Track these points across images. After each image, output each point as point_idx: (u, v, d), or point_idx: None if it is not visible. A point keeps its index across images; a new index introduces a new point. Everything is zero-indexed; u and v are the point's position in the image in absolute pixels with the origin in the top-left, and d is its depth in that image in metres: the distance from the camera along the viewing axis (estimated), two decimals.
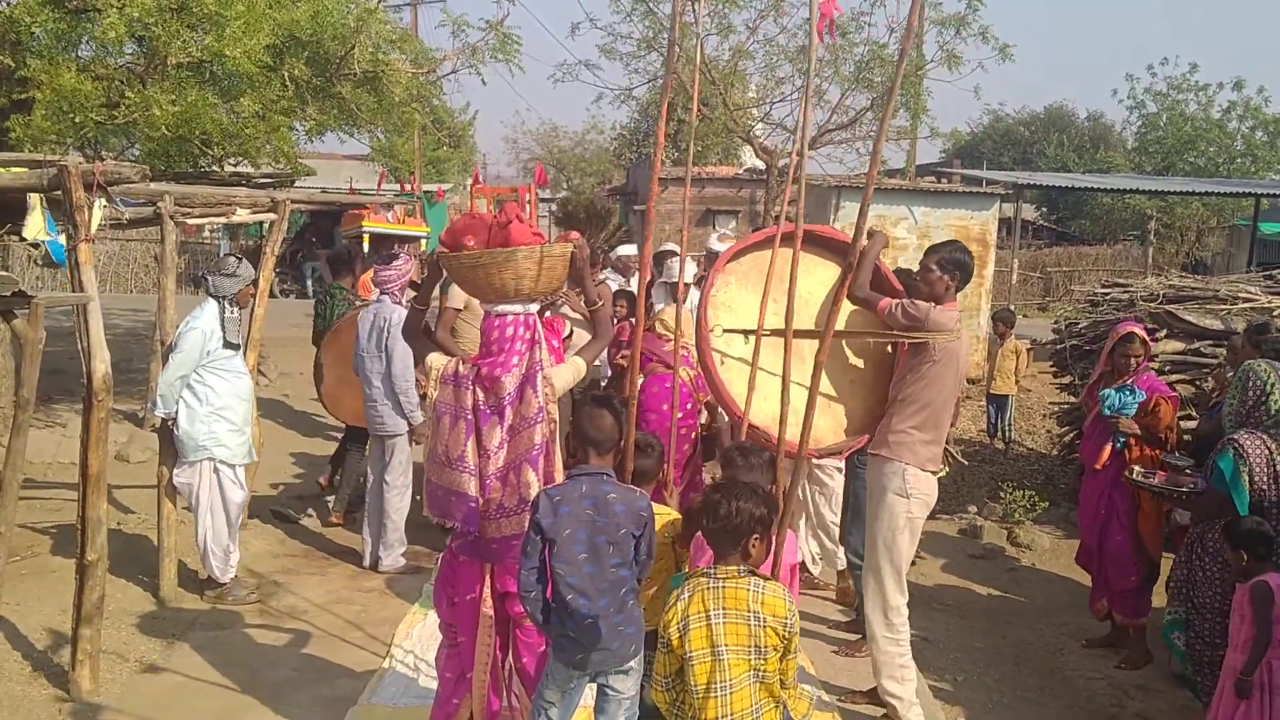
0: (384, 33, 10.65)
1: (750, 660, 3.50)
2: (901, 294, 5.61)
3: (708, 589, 3.54)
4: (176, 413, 6.72)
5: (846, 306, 5.60)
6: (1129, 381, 6.67)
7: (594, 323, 4.66)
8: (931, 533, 9.03)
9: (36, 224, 5.16)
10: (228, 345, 6.80)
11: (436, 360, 4.50)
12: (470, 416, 4.37)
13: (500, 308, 4.37)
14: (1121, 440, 6.58)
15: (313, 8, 9.70)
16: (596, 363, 5.57)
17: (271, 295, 8.85)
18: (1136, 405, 6.52)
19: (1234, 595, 5.00)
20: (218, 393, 6.77)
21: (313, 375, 9.16)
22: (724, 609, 3.51)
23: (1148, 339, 6.95)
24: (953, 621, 7.40)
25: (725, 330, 5.41)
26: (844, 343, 5.71)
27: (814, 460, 6.49)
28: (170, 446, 6.86)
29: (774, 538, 3.84)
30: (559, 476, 4.35)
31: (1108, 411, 6.58)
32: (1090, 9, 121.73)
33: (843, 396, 5.69)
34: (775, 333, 5.27)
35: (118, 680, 5.80)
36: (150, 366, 10.80)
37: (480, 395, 4.37)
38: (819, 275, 5.72)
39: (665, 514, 4.56)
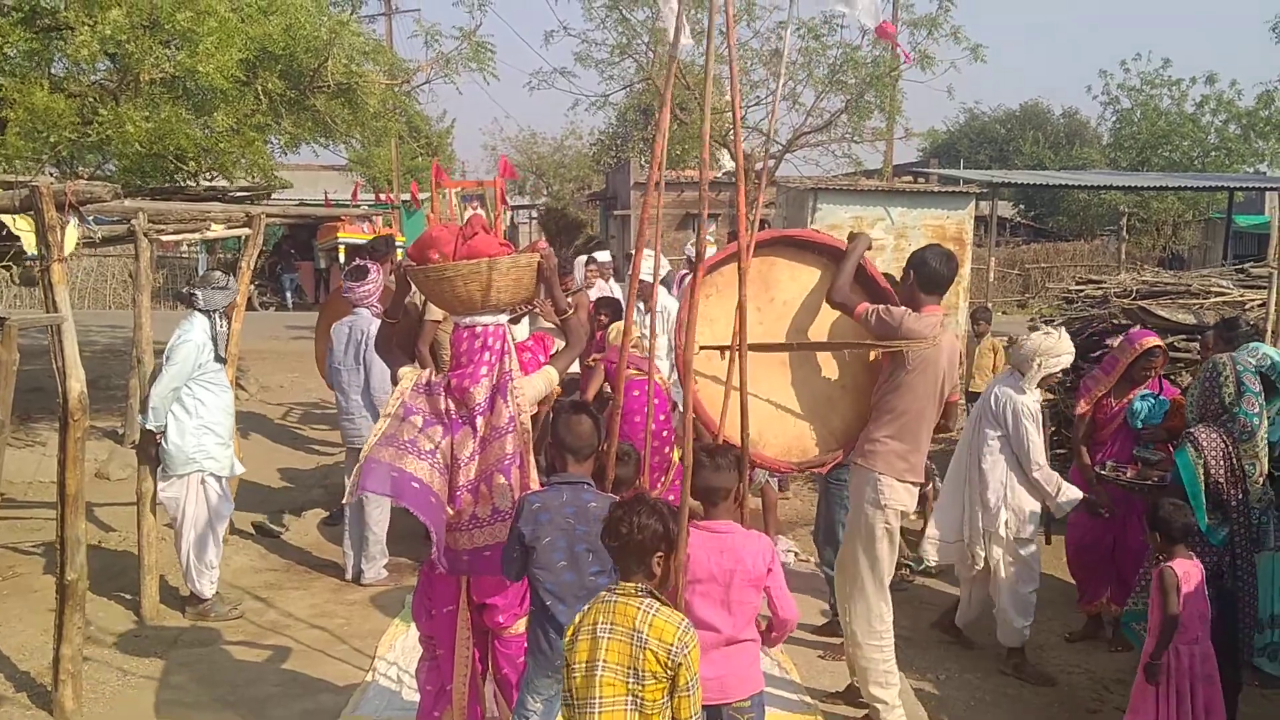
0: (357, 44, 10.67)
1: (628, 684, 3.32)
2: (888, 297, 5.55)
3: (603, 604, 3.43)
4: (165, 426, 6.74)
5: (834, 312, 5.60)
6: (1148, 389, 6.76)
7: (565, 331, 4.69)
8: (910, 530, 9.09)
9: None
10: (217, 359, 6.85)
11: (408, 373, 4.53)
12: (446, 421, 4.38)
13: (469, 319, 4.40)
14: (1150, 447, 6.64)
15: (285, 21, 9.72)
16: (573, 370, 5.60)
17: (250, 308, 8.91)
18: (1164, 411, 6.62)
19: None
20: (206, 405, 6.81)
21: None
22: (611, 624, 3.37)
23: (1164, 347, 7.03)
24: (934, 620, 7.43)
25: (702, 347, 5.35)
26: (829, 354, 5.67)
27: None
28: (151, 462, 6.86)
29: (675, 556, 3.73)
30: (534, 486, 4.37)
31: (1140, 424, 6.63)
32: (1063, 5, 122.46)
33: (834, 404, 5.64)
34: (755, 348, 5.28)
35: (101, 699, 5.80)
36: (129, 383, 10.77)
37: (452, 406, 4.39)
38: (802, 281, 5.66)
39: None
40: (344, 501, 4.13)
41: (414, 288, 4.68)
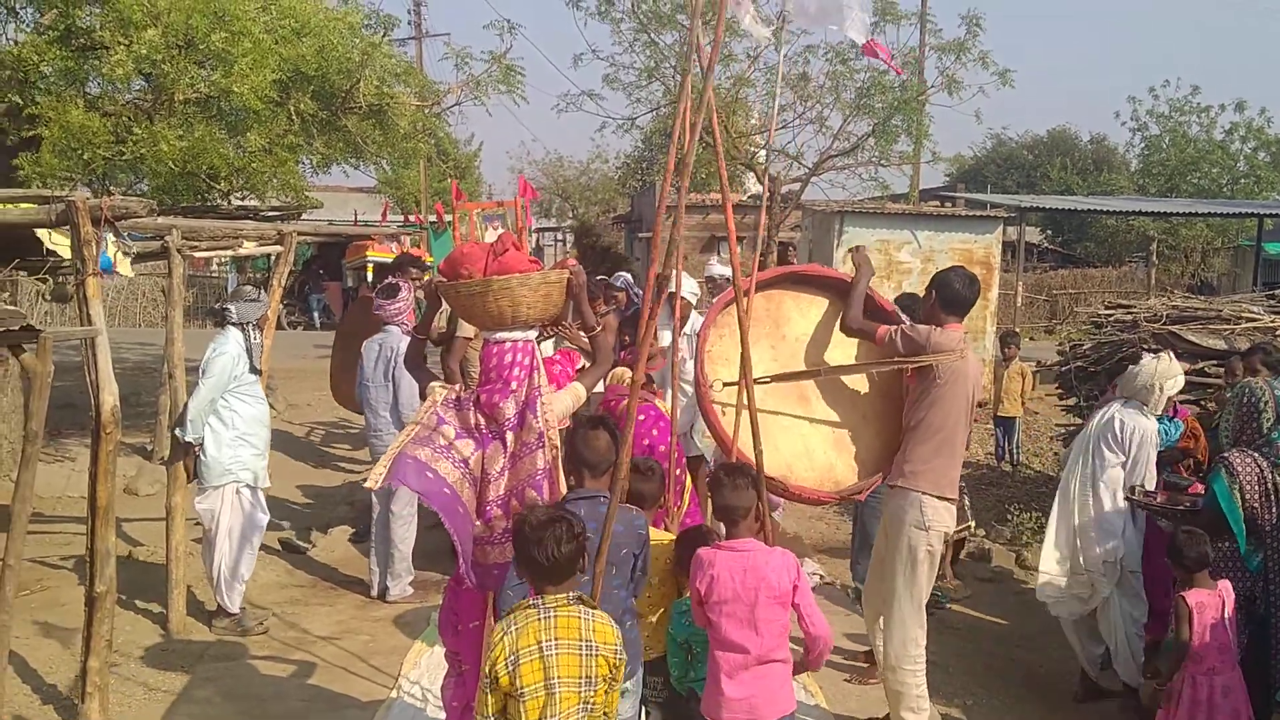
0: (389, 66, 10.78)
1: (580, 693, 3.36)
2: (897, 322, 5.57)
3: (539, 619, 3.39)
4: (202, 438, 6.79)
5: (852, 341, 5.61)
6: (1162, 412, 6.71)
7: (594, 349, 4.69)
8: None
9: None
10: (252, 370, 6.92)
11: (438, 389, 4.54)
12: (477, 436, 4.39)
13: (498, 335, 4.41)
14: (1168, 469, 6.60)
15: (318, 43, 9.82)
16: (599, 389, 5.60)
17: (279, 327, 8.98)
18: (1179, 434, 6.59)
19: None
20: (242, 417, 6.90)
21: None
22: (556, 639, 3.36)
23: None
24: (961, 645, 7.38)
25: (725, 384, 5.36)
26: (852, 379, 5.65)
27: None
28: (179, 476, 6.92)
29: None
30: None
31: (1163, 447, 6.59)
32: (1092, 33, 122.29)
33: (857, 434, 5.62)
34: (775, 379, 5.30)
35: (127, 713, 5.82)
36: (159, 399, 10.86)
37: (482, 421, 4.40)
38: (810, 315, 5.72)
39: (668, 539, 4.58)
40: (367, 485, 4.09)
41: (444, 304, 4.70)
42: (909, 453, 5.38)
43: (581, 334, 6.17)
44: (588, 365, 4.93)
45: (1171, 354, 6.40)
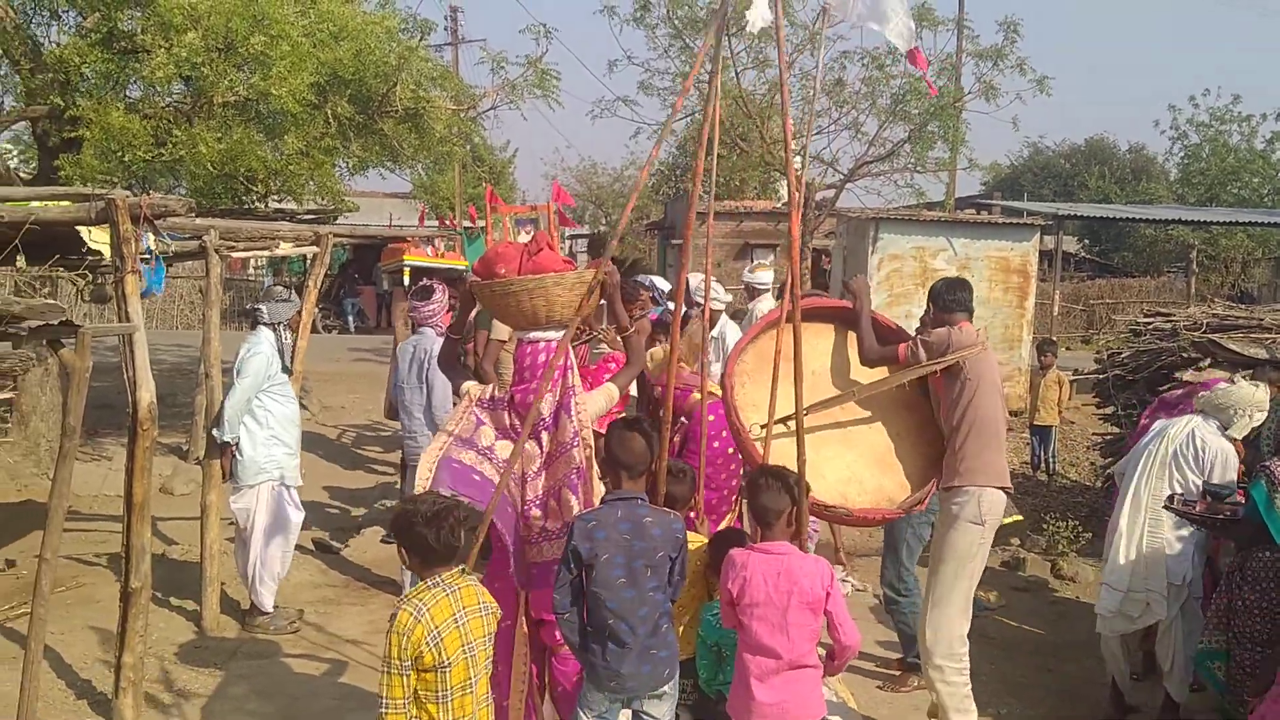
0: (425, 70, 10.83)
1: (488, 649, 3.81)
2: (906, 335, 5.62)
3: (446, 596, 3.71)
4: (239, 438, 6.85)
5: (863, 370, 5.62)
6: None
7: (627, 349, 4.69)
8: None
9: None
10: (284, 369, 6.98)
11: (473, 389, 4.55)
12: (512, 437, 4.41)
13: (532, 334, 4.42)
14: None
15: (355, 47, 9.88)
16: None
17: (313, 330, 9.00)
18: None
19: None
20: (275, 416, 6.97)
21: None
22: (465, 608, 3.73)
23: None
24: (996, 655, 7.29)
25: (762, 427, 5.35)
26: (871, 406, 5.65)
27: None
28: (214, 475, 6.97)
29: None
30: (598, 500, 4.37)
31: None
32: (1132, 41, 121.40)
33: (896, 452, 5.62)
34: (811, 408, 5.27)
35: (160, 709, 5.86)
36: (195, 400, 10.94)
37: (516, 421, 4.40)
38: (821, 347, 5.72)
39: (697, 541, 4.57)
40: (416, 489, 4.16)
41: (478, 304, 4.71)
42: (960, 450, 5.38)
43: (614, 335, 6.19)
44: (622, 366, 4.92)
45: (1265, 384, 6.23)
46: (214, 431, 6.87)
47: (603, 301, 4.63)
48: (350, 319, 28.47)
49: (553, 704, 4.71)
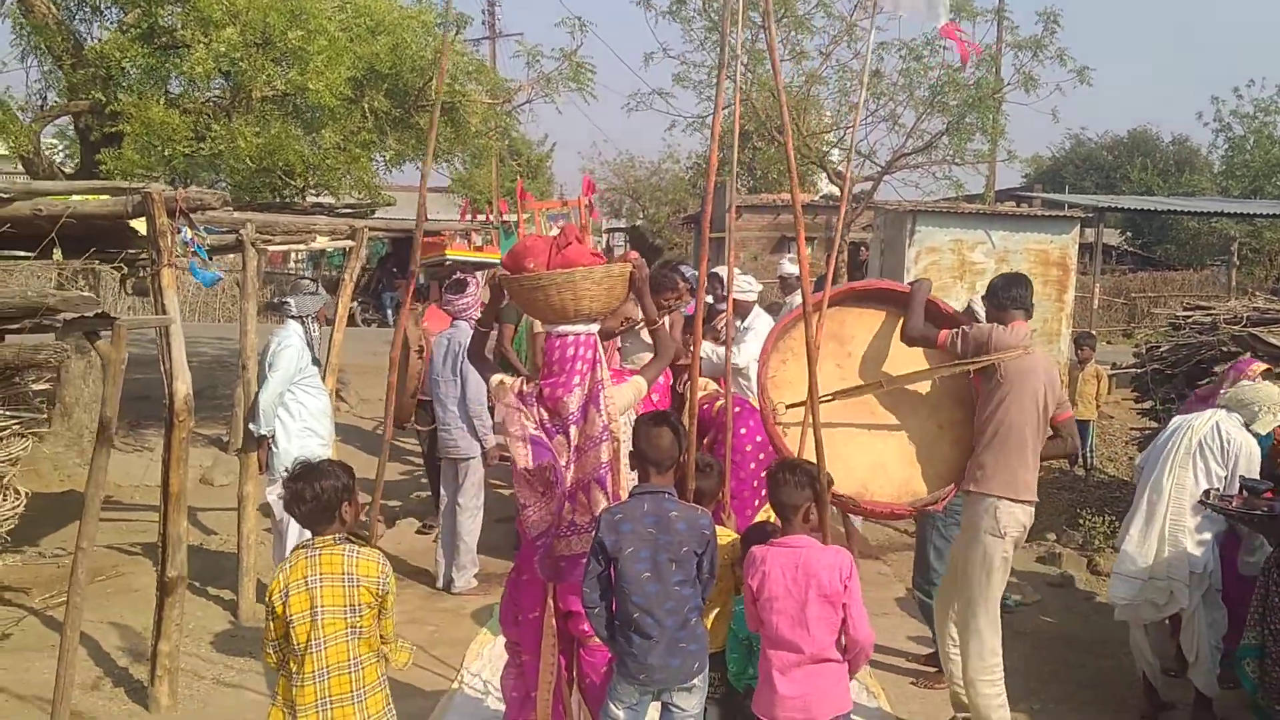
0: (461, 64, 10.87)
1: (346, 619, 3.85)
2: (957, 322, 5.53)
3: (306, 558, 3.87)
4: (274, 430, 6.93)
5: (919, 352, 5.54)
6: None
7: (655, 342, 4.69)
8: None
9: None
10: (314, 361, 7.04)
11: (507, 382, 4.56)
12: (536, 435, 4.42)
13: (561, 328, 4.42)
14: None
15: (392, 41, 9.95)
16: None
17: (352, 323, 9.08)
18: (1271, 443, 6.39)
19: None
20: (308, 409, 7.03)
21: None
22: (320, 574, 3.84)
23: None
24: (1029, 650, 7.24)
25: (788, 407, 5.34)
26: (924, 390, 5.60)
27: None
28: (251, 466, 7.06)
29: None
30: (625, 495, 4.38)
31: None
32: (1175, 31, 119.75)
33: (934, 444, 5.56)
34: (837, 395, 5.27)
35: (195, 696, 5.93)
36: (235, 392, 11.05)
37: (544, 415, 4.42)
38: (876, 330, 5.68)
39: (725, 535, 4.57)
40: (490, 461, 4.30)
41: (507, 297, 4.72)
42: (980, 456, 5.30)
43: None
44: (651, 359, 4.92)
45: None
46: (250, 425, 6.95)
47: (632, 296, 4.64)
48: (389, 312, 28.60)
49: (581, 695, 4.72)
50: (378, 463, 5.22)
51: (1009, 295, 5.47)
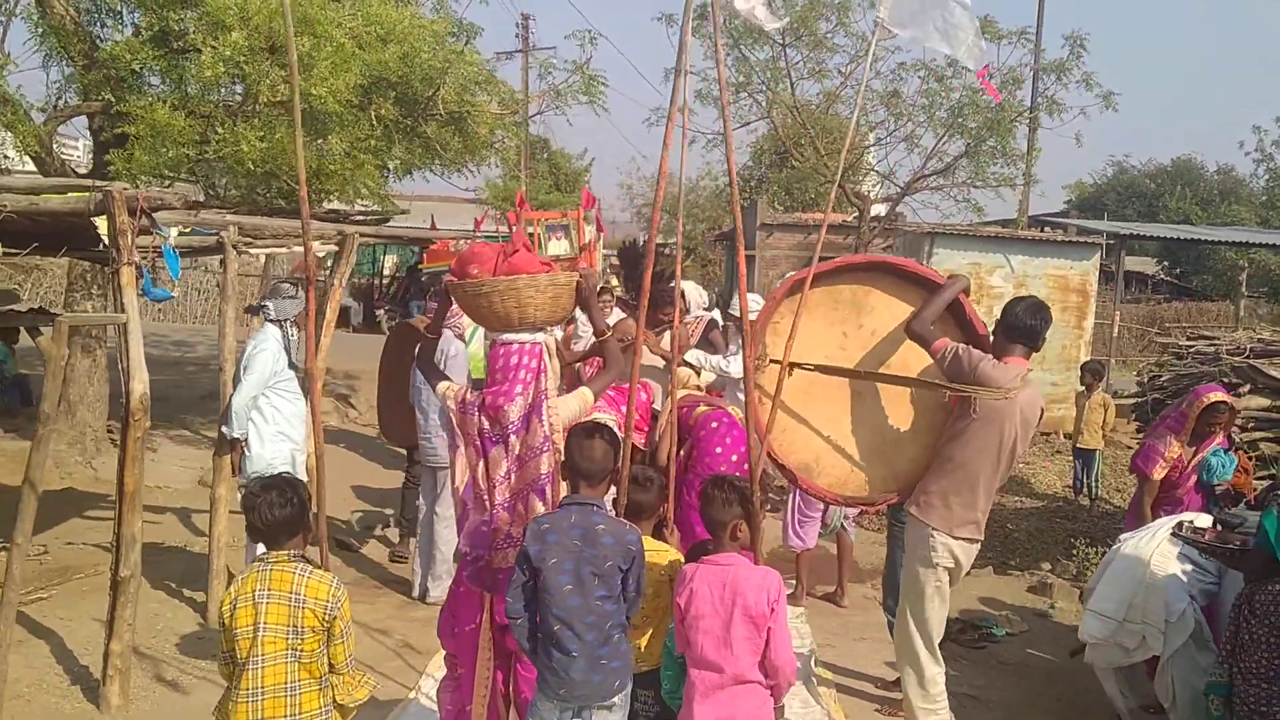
0: (470, 74, 10.87)
1: (288, 640, 3.75)
2: (983, 345, 5.29)
3: (258, 572, 3.81)
4: (247, 434, 6.91)
5: (924, 354, 5.39)
6: (1218, 444, 6.45)
7: (604, 354, 4.63)
8: (1001, 585, 8.77)
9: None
10: (290, 366, 7.03)
11: (446, 389, 4.52)
12: (477, 443, 4.38)
13: (505, 336, 4.37)
14: (1218, 506, 6.32)
15: (402, 50, 9.95)
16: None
17: (379, 331, 9.03)
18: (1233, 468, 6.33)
19: None
20: (282, 413, 7.01)
21: None
22: (269, 590, 3.77)
23: (1232, 402, 6.68)
24: (1009, 681, 7.11)
25: (772, 361, 5.17)
26: (910, 390, 5.46)
27: None
28: (223, 469, 7.06)
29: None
30: None
31: (1216, 480, 6.32)
32: (1223, 60, 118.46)
33: (897, 449, 5.44)
34: (817, 368, 5.17)
35: (151, 696, 5.92)
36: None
37: (485, 424, 4.37)
38: (895, 313, 5.49)
39: (666, 552, 4.48)
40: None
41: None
42: (927, 482, 5.19)
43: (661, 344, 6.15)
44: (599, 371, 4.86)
45: None
46: (223, 428, 6.95)
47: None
48: None
49: (516, 710, 4.66)
50: (316, 483, 5.07)
51: (1023, 327, 5.19)
